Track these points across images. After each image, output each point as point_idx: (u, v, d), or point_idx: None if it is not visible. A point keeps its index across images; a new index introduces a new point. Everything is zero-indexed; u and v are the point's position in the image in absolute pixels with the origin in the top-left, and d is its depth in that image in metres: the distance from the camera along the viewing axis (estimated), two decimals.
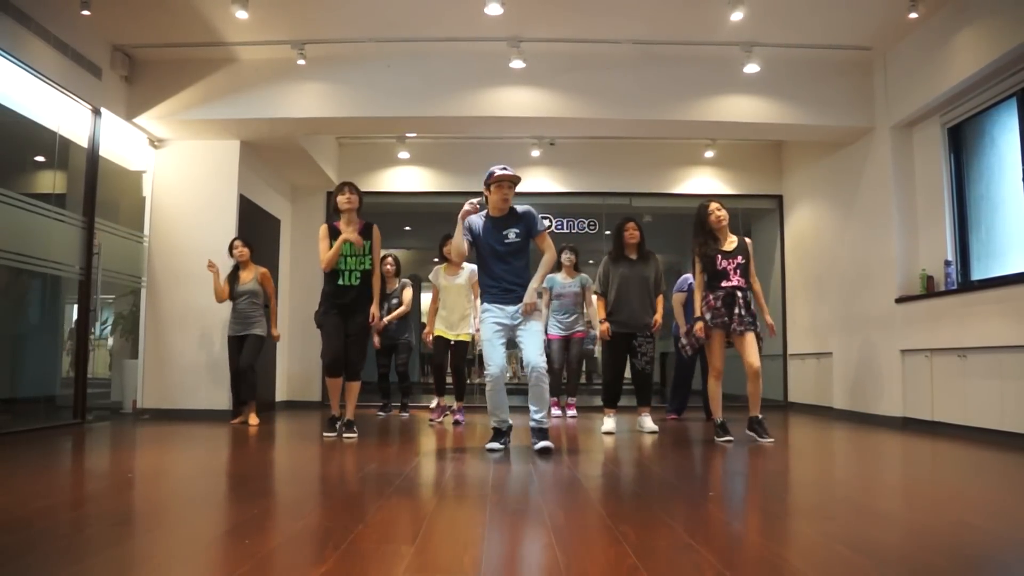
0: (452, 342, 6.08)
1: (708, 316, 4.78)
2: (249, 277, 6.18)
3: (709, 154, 8.57)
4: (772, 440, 4.71)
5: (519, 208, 4.38)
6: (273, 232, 8.14)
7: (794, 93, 6.56)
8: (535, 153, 8.53)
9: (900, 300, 6.13)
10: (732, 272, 4.79)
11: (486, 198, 4.38)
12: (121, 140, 6.49)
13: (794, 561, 2.01)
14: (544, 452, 4.13)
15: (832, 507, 2.90)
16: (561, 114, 6.58)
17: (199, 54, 6.39)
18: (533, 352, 4.19)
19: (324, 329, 5.00)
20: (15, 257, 5.08)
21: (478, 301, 6.64)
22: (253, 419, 6.04)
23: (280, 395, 8.26)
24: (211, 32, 6.03)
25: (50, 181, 5.82)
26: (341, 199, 4.94)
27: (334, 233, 4.94)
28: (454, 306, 6.04)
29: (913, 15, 5.45)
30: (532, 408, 4.26)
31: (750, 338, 4.74)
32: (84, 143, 5.89)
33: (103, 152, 6.06)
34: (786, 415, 7.40)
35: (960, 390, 5.31)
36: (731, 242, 4.88)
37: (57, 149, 5.63)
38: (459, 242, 4.34)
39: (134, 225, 6.72)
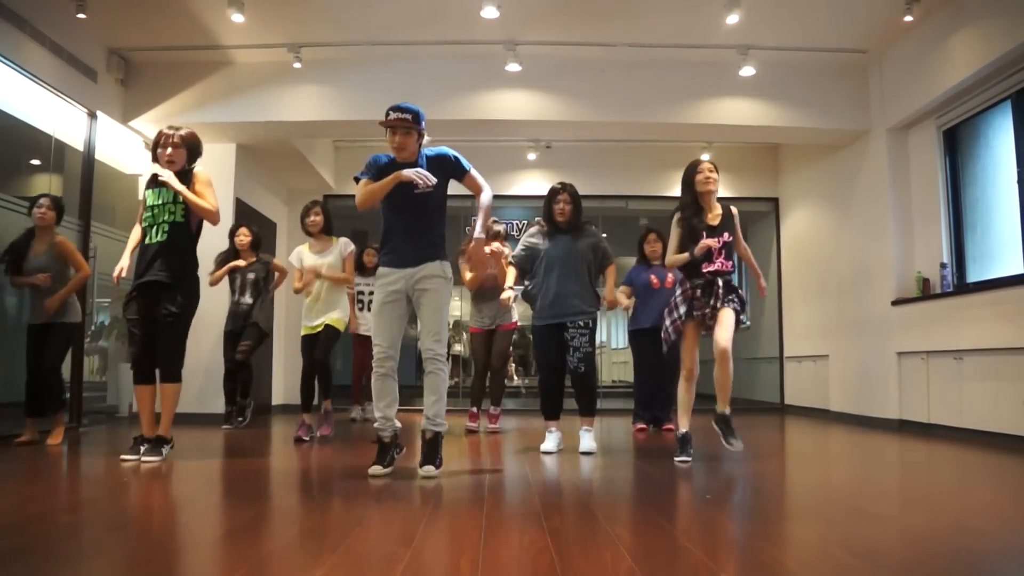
0: (315, 334, 5.05)
1: (684, 308, 3.97)
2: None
3: (705, 157, 8.52)
4: (740, 447, 3.91)
5: (431, 151, 3.62)
6: (269, 235, 8.13)
7: (790, 96, 6.57)
8: (531, 156, 8.53)
9: (896, 303, 6.14)
10: (716, 252, 3.97)
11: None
12: (117, 143, 6.47)
13: (791, 564, 2.01)
14: (426, 478, 3.33)
15: (829, 510, 2.90)
16: (557, 117, 6.59)
17: (195, 57, 6.38)
18: (428, 331, 3.39)
19: (129, 327, 3.99)
20: None
21: (371, 288, 5.98)
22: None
23: (276, 399, 8.24)
24: (207, 35, 6.03)
25: (46, 184, 5.80)
26: (162, 155, 3.95)
27: (151, 184, 4.03)
28: (320, 291, 5.05)
29: (908, 18, 5.47)
30: (426, 406, 3.47)
31: (726, 314, 3.89)
32: (80, 146, 5.88)
33: (99, 155, 6.04)
34: (782, 418, 7.40)
35: (956, 392, 5.32)
36: (715, 215, 4.06)
37: (53, 152, 5.61)
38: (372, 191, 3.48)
39: (130, 228, 6.65)
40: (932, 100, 5.72)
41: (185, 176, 3.97)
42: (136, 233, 4.09)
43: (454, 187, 8.46)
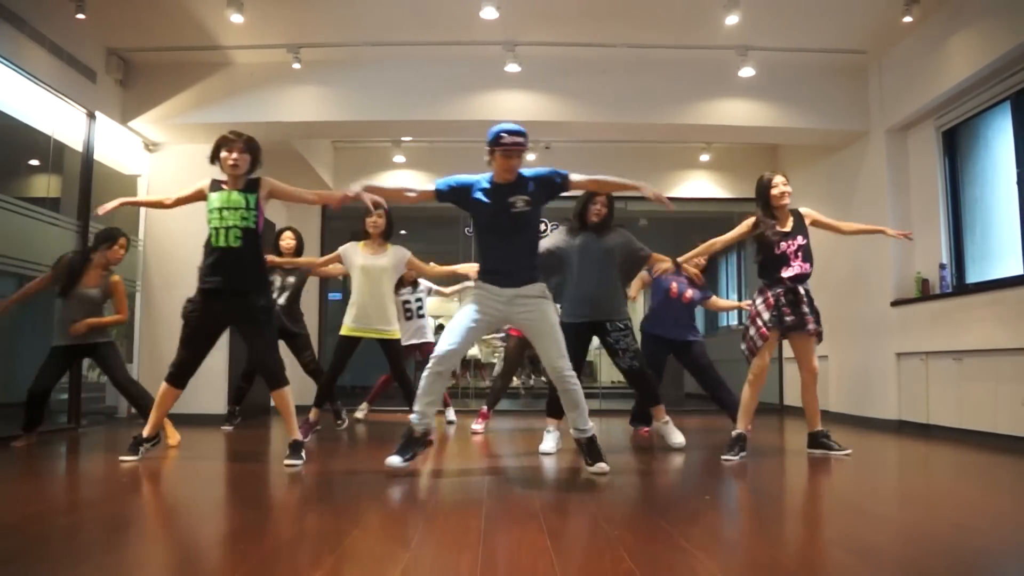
0: (379, 340, 4.97)
1: (767, 315, 4.11)
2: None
3: (704, 157, 8.58)
4: (849, 452, 4.22)
5: (533, 172, 3.57)
6: (268, 236, 8.12)
7: (789, 97, 6.57)
8: (530, 157, 8.53)
9: (895, 303, 6.14)
10: (793, 256, 4.14)
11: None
12: (116, 144, 6.47)
13: (790, 565, 2.01)
14: (598, 475, 3.47)
15: (828, 510, 2.90)
16: (556, 118, 6.59)
17: (194, 58, 6.38)
18: (552, 353, 3.46)
19: (185, 326, 3.89)
20: (9, 261, 5.06)
21: (416, 295, 6.28)
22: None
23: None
24: (206, 36, 6.03)
25: (45, 185, 5.80)
26: (226, 158, 3.87)
27: (215, 187, 3.94)
28: (371, 293, 4.88)
29: (908, 19, 5.46)
30: (570, 419, 3.61)
31: (811, 343, 4.20)
32: (79, 147, 5.87)
33: (98, 156, 6.04)
34: (782, 419, 7.40)
35: (955, 393, 5.32)
36: (787, 222, 4.24)
37: (52, 153, 5.61)
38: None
39: (129, 229, 6.64)
40: (931, 101, 5.73)
41: (254, 184, 3.93)
42: (163, 199, 4.15)
43: None
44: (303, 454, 3.85)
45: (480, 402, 6.76)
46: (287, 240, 5.93)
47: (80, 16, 5.33)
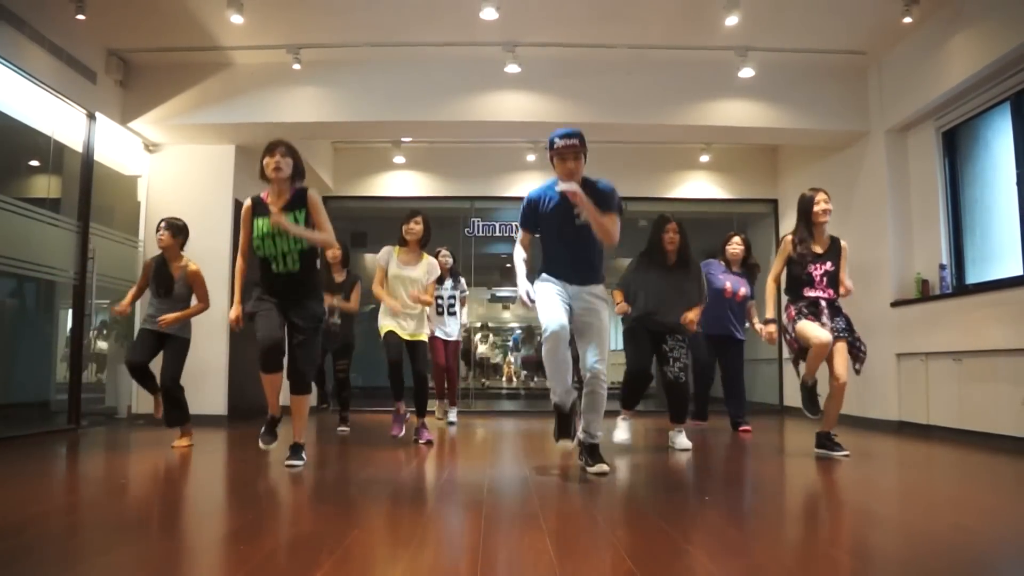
0: (406, 340, 4.94)
1: (791, 326, 4.30)
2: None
3: (704, 158, 8.58)
4: (848, 454, 4.21)
5: (599, 183, 3.57)
6: None
7: (789, 97, 6.57)
8: (530, 157, 8.53)
9: (895, 304, 6.14)
10: (818, 280, 4.29)
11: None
12: (116, 144, 6.47)
13: (790, 566, 2.01)
14: (599, 475, 3.51)
15: (828, 510, 2.90)
16: (556, 118, 6.58)
17: (194, 58, 6.38)
18: (595, 354, 3.51)
19: (256, 316, 3.81)
20: (9, 262, 5.06)
21: (451, 293, 6.27)
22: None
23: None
24: (206, 36, 6.03)
25: (45, 186, 5.81)
26: (269, 163, 3.74)
27: (259, 210, 3.78)
28: (402, 301, 4.90)
29: (907, 20, 5.47)
30: (585, 420, 3.67)
31: (841, 348, 4.21)
32: (79, 148, 5.87)
33: (98, 157, 6.03)
34: (781, 419, 7.40)
35: (955, 393, 5.32)
36: (823, 242, 4.36)
37: (52, 154, 5.61)
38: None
39: (129, 230, 6.70)
40: (931, 101, 5.73)
41: (300, 197, 3.80)
42: (241, 267, 3.93)
43: (455, 188, 8.35)
44: (303, 455, 3.90)
45: (480, 403, 6.76)
46: (335, 249, 5.79)
47: (80, 17, 5.33)
